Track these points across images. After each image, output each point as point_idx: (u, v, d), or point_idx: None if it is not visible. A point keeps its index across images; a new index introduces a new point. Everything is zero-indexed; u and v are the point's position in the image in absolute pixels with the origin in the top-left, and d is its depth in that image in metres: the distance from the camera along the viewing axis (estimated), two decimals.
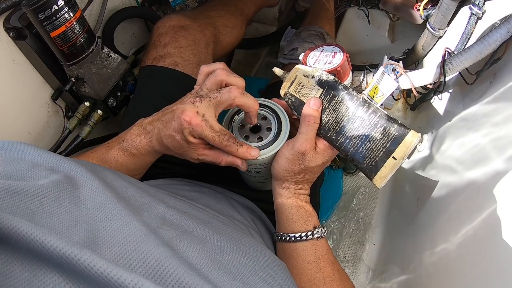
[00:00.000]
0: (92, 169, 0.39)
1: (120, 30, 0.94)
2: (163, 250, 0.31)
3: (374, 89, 0.67)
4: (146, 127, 0.56)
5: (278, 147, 0.54)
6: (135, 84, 0.84)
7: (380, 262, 0.88)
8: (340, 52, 0.66)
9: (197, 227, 0.39)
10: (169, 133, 0.51)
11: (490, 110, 0.66)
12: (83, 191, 0.34)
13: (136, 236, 0.31)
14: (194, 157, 0.53)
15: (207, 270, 0.32)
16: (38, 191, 0.31)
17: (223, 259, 0.35)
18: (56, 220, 0.30)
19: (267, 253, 0.43)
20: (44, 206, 0.31)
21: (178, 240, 0.35)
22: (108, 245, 0.30)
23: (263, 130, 0.57)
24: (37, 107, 0.78)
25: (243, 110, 0.55)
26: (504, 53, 0.67)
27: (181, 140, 0.50)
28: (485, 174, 0.59)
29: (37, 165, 0.35)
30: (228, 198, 0.65)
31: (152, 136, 0.55)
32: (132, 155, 0.57)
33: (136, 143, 0.56)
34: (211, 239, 0.38)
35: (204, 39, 0.83)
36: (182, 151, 0.52)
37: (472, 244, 0.56)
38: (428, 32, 0.87)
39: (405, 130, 0.47)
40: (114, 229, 0.32)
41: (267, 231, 0.63)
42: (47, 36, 0.66)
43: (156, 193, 0.45)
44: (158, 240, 0.32)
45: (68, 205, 0.32)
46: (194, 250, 0.34)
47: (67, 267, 0.25)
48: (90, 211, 0.33)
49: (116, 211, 0.33)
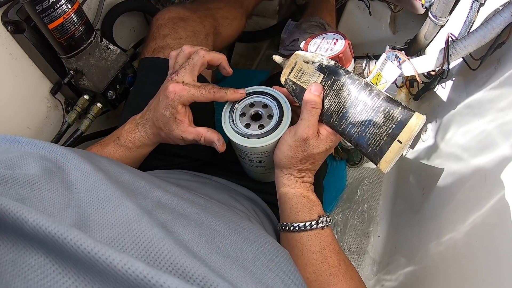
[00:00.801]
0: (85, 155, 0.38)
1: (119, 24, 0.93)
2: (157, 231, 0.30)
3: (377, 76, 0.66)
4: (139, 122, 0.61)
5: (280, 134, 0.53)
6: (134, 76, 0.83)
7: (386, 254, 0.87)
8: (342, 39, 0.65)
9: (194, 211, 0.38)
10: (160, 112, 0.56)
11: (495, 95, 0.64)
12: (74, 174, 0.34)
13: (129, 218, 0.30)
14: (178, 136, 0.57)
15: (204, 253, 0.31)
16: (29, 178, 0.31)
17: (222, 243, 0.34)
18: (48, 204, 0.29)
19: (268, 239, 0.42)
20: (35, 191, 0.30)
21: (173, 222, 0.33)
22: (99, 227, 0.29)
23: (265, 118, 0.56)
24: (37, 101, 0.77)
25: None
26: (508, 37, 0.65)
27: (169, 115, 0.55)
28: (492, 160, 0.58)
29: (29, 153, 0.34)
30: (230, 189, 0.65)
31: (146, 127, 0.60)
32: (128, 149, 0.61)
33: (131, 137, 0.61)
34: (209, 223, 0.37)
35: (203, 31, 0.82)
36: (170, 131, 0.57)
37: (481, 232, 0.55)
38: (430, 21, 0.86)
39: (409, 113, 0.46)
40: (106, 211, 0.31)
41: (269, 222, 0.63)
42: (45, 28, 0.65)
43: (153, 179, 0.44)
44: (152, 222, 0.31)
45: (59, 189, 0.31)
46: (191, 233, 0.33)
47: (53, 246, 0.24)
48: (81, 194, 0.32)
49: (108, 192, 0.32)
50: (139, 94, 0.76)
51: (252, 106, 0.57)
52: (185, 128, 0.56)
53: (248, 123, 0.56)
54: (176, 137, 0.57)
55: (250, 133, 0.54)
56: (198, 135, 0.57)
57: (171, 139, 0.59)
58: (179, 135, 0.57)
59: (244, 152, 0.58)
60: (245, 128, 0.55)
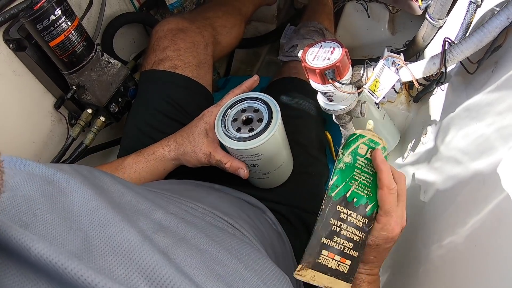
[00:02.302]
0: (87, 175, 0.39)
1: (120, 36, 0.95)
2: (158, 258, 0.30)
3: (375, 83, 0.67)
4: (168, 137, 0.66)
5: (268, 136, 0.55)
6: (136, 89, 0.84)
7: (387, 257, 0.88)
8: (339, 47, 0.65)
9: (195, 235, 0.39)
10: (193, 125, 0.63)
11: (493, 99, 0.65)
12: (76, 197, 0.34)
13: (131, 244, 0.31)
14: (206, 151, 0.60)
15: (205, 281, 0.31)
16: (31, 204, 0.31)
17: (222, 271, 0.34)
18: (50, 227, 0.30)
19: (269, 266, 0.42)
20: (37, 216, 0.30)
21: (175, 247, 0.34)
22: (102, 253, 0.29)
23: (255, 121, 0.58)
24: (41, 116, 0.78)
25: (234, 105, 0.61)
26: (504, 41, 0.66)
27: (201, 129, 0.61)
28: (490, 164, 0.59)
29: (31, 176, 0.35)
30: (234, 198, 0.65)
31: (171, 139, 0.65)
32: (146, 160, 0.65)
33: (153, 149, 0.65)
34: (209, 249, 0.37)
35: (203, 41, 0.83)
36: (197, 145, 0.61)
37: (480, 236, 0.55)
38: (427, 22, 0.86)
39: None
40: (108, 236, 0.31)
41: (273, 230, 0.63)
42: (46, 46, 0.66)
43: (155, 198, 0.45)
44: (153, 248, 0.31)
45: (61, 212, 0.32)
46: (192, 259, 0.34)
47: (54, 276, 0.24)
48: (83, 217, 0.32)
49: (109, 216, 0.33)
50: (141, 107, 0.78)
51: (244, 111, 0.60)
52: (215, 147, 0.60)
53: (239, 127, 0.58)
54: (203, 152, 0.60)
55: (240, 136, 0.56)
56: (226, 158, 0.59)
57: (195, 154, 0.61)
58: (207, 151, 0.60)
59: (237, 155, 0.60)
60: (236, 132, 0.57)
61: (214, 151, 0.60)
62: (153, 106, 0.76)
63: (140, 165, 0.64)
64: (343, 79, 0.59)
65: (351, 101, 0.66)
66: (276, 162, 0.63)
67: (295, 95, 0.84)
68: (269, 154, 0.59)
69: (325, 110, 0.67)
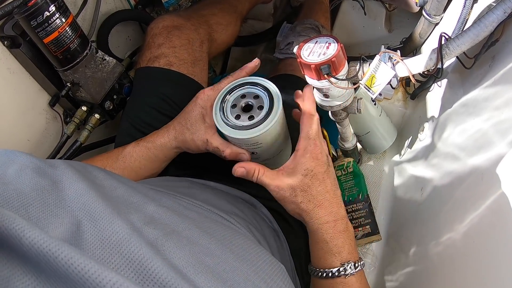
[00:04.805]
0: (81, 170, 0.39)
1: (115, 33, 0.94)
2: (146, 251, 0.30)
3: (371, 79, 0.66)
4: (168, 124, 0.66)
5: (269, 125, 0.53)
6: (131, 86, 0.83)
7: (385, 254, 0.87)
8: (335, 42, 0.65)
9: (186, 227, 0.38)
10: (189, 109, 0.61)
11: (490, 94, 0.64)
12: (68, 193, 0.34)
13: (119, 236, 0.31)
14: (203, 138, 0.59)
15: (194, 273, 0.31)
16: (23, 201, 0.31)
17: (212, 262, 0.34)
18: (42, 224, 0.29)
19: (262, 255, 0.42)
20: (30, 213, 0.30)
21: (164, 239, 0.34)
22: (91, 247, 0.29)
23: (255, 109, 0.55)
24: (35, 114, 0.78)
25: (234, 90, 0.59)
26: (501, 35, 0.65)
27: (198, 115, 0.59)
28: (488, 159, 0.58)
29: (25, 169, 0.34)
30: (230, 195, 0.65)
31: (170, 127, 0.64)
32: (146, 148, 0.64)
33: (153, 136, 0.65)
34: (200, 240, 0.37)
35: (198, 38, 0.83)
36: (196, 131, 0.59)
37: (478, 232, 0.55)
38: (424, 19, 0.86)
39: None
40: (98, 229, 0.31)
41: (269, 228, 0.63)
42: (40, 42, 0.66)
43: (148, 191, 0.44)
44: (141, 240, 0.31)
45: (53, 209, 0.31)
46: (181, 251, 0.33)
47: (45, 266, 0.24)
48: (75, 213, 0.32)
49: (99, 210, 0.33)
50: (136, 104, 0.77)
51: (244, 97, 0.56)
52: (213, 133, 0.58)
53: (239, 114, 0.55)
54: (200, 140, 0.59)
55: (239, 124, 0.53)
56: (223, 145, 0.57)
57: (194, 141, 0.60)
58: (204, 138, 0.58)
59: (235, 143, 0.57)
60: (235, 119, 0.54)
61: (211, 137, 0.58)
62: (148, 103, 0.75)
63: (140, 153, 0.64)
64: (338, 74, 0.58)
65: (347, 97, 0.66)
66: (276, 149, 0.61)
67: (291, 92, 0.84)
68: (269, 142, 0.57)
69: (321, 107, 0.67)
